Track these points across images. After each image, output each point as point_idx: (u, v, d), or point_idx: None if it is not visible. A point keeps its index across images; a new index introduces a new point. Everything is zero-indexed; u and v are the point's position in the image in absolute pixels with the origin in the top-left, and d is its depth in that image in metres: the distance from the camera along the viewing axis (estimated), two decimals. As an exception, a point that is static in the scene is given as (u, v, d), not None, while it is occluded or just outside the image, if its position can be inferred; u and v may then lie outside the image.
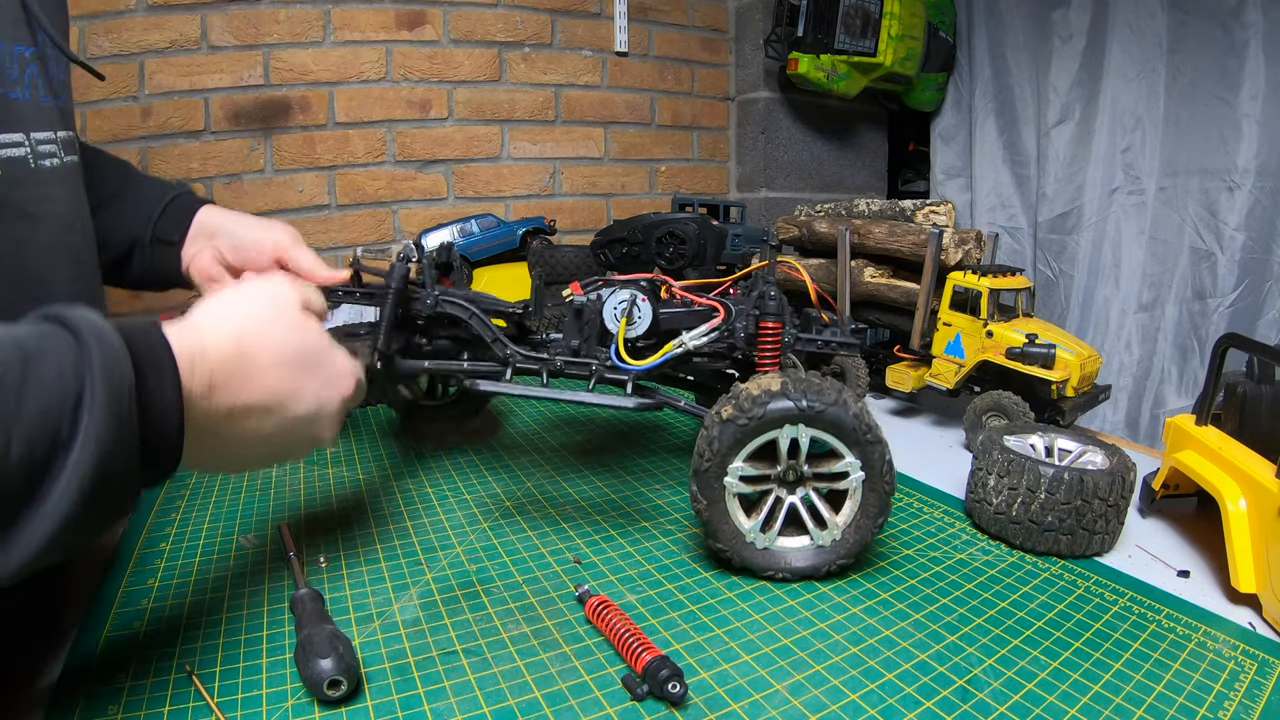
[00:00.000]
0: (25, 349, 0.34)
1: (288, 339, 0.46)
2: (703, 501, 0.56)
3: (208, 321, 0.44)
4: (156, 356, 0.38)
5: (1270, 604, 0.54)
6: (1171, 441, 0.69)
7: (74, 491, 0.34)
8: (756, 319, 0.63)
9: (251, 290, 0.48)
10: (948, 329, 0.90)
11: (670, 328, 0.64)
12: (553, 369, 0.64)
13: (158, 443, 0.38)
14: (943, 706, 0.44)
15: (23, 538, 0.33)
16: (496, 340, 0.66)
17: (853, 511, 0.57)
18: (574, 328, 0.64)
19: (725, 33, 1.91)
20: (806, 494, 0.58)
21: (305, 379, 0.47)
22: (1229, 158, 1.36)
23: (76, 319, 0.36)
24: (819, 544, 0.58)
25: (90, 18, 1.31)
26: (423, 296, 0.69)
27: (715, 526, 0.56)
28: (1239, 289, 1.38)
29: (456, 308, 0.68)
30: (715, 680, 0.46)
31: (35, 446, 0.33)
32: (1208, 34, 1.36)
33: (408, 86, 1.55)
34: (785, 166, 1.89)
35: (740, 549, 0.57)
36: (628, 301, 0.62)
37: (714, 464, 0.55)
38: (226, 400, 0.42)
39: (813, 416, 0.54)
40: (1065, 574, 0.60)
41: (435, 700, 0.44)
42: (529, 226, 1.57)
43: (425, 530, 0.66)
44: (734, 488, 0.56)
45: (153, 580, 0.56)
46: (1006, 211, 1.74)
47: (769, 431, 0.54)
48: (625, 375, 0.62)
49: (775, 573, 0.58)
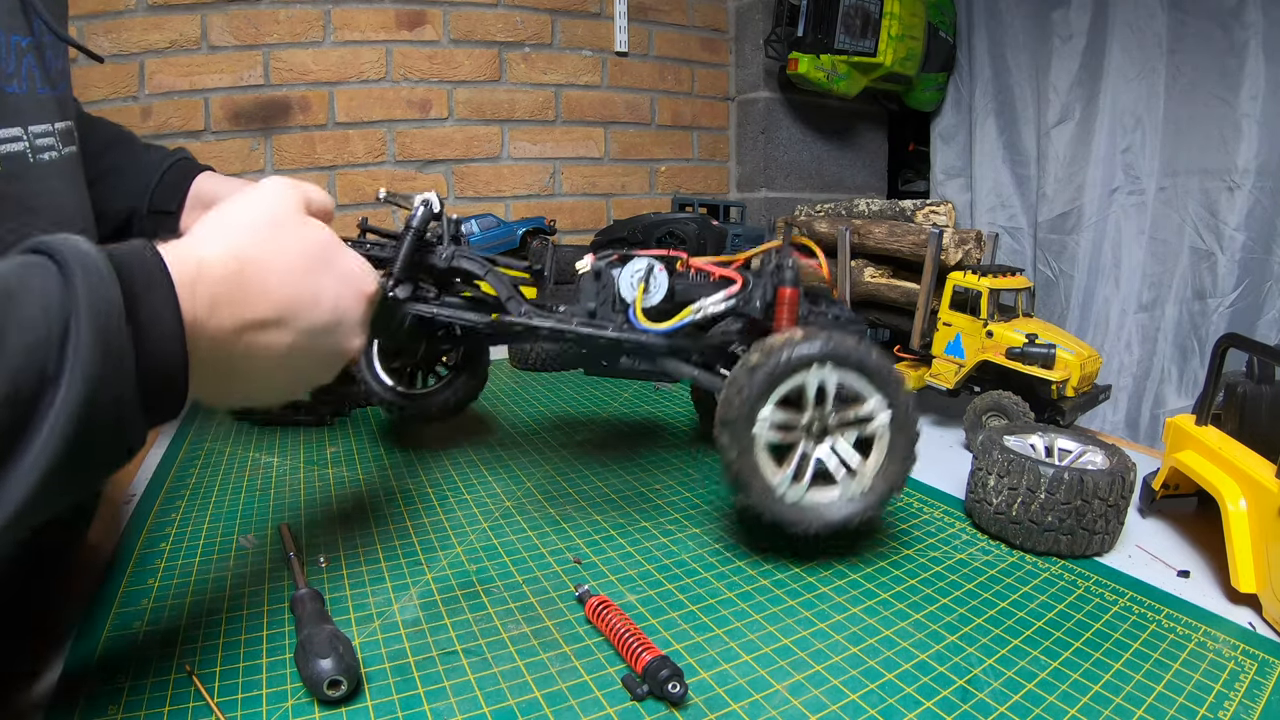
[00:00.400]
0: (7, 283, 0.32)
1: (292, 243, 0.43)
2: (733, 453, 0.55)
3: (205, 234, 0.41)
4: (150, 279, 0.36)
5: (1270, 604, 0.54)
6: (1171, 441, 0.69)
7: (62, 431, 0.31)
8: (774, 288, 0.63)
9: (249, 198, 0.44)
10: (948, 329, 0.90)
11: (686, 299, 0.63)
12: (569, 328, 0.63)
13: (160, 372, 0.35)
14: (943, 706, 0.44)
15: (12, 484, 0.30)
16: (511, 298, 0.65)
17: (880, 457, 0.58)
18: (591, 290, 0.63)
19: (725, 33, 1.91)
20: (834, 445, 0.58)
21: (318, 282, 0.43)
22: (1229, 158, 1.36)
23: (61, 247, 0.34)
24: (849, 495, 0.58)
25: (90, 18, 1.31)
26: (438, 250, 0.67)
27: (745, 480, 0.56)
28: (1239, 289, 1.38)
29: (471, 263, 0.67)
30: (715, 680, 0.46)
31: (20, 386, 0.30)
32: (1208, 34, 1.37)
33: (408, 86, 1.55)
34: (785, 166, 1.89)
35: (771, 504, 0.57)
36: (644, 270, 0.61)
37: (744, 411, 0.54)
38: (233, 317, 0.39)
39: (839, 357, 0.54)
40: (1065, 574, 0.60)
41: (435, 700, 0.44)
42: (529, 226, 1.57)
43: (425, 530, 0.66)
44: (764, 436, 0.55)
45: (153, 580, 0.56)
46: (1006, 211, 1.74)
47: (797, 374, 0.55)
48: (644, 337, 0.61)
49: (806, 527, 0.57)
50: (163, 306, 0.35)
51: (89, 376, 0.32)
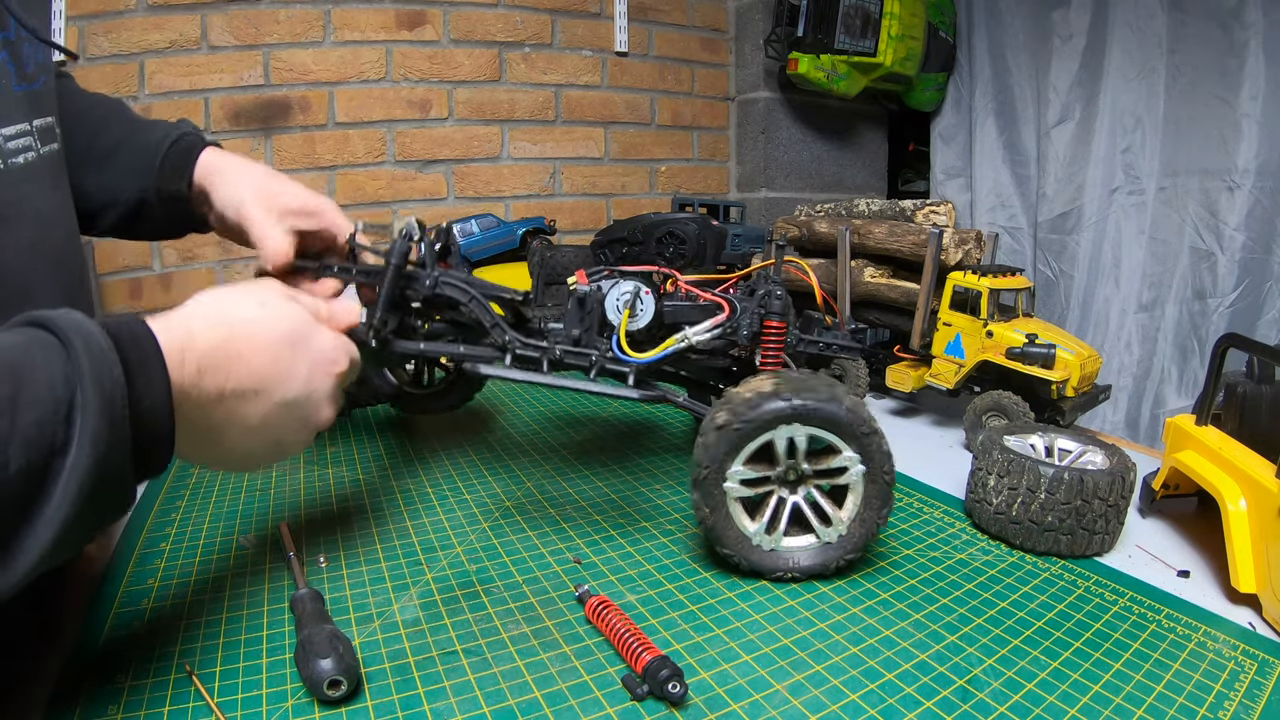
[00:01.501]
0: (13, 361, 0.34)
1: (274, 320, 0.47)
2: (705, 509, 0.56)
3: (196, 309, 0.45)
4: (143, 351, 0.39)
5: (1270, 604, 0.54)
6: (1171, 441, 0.69)
7: (73, 497, 0.34)
8: (761, 317, 0.63)
9: (237, 287, 0.49)
10: (948, 329, 0.90)
11: (673, 321, 0.64)
12: (552, 358, 0.63)
13: (150, 437, 0.39)
14: (943, 706, 0.44)
15: (25, 548, 0.34)
16: (496, 325, 0.65)
17: (855, 505, 0.57)
18: (575, 317, 0.63)
19: (725, 33, 1.91)
20: (808, 492, 0.58)
21: (294, 357, 0.47)
22: (1229, 158, 1.36)
23: (61, 322, 0.36)
24: (825, 540, 0.58)
25: (90, 18, 1.31)
26: (422, 277, 0.67)
27: (720, 532, 0.56)
28: (1239, 289, 1.38)
29: (456, 290, 0.66)
30: (715, 680, 0.46)
31: (33, 458, 0.33)
32: (1208, 34, 1.36)
33: (408, 86, 1.55)
34: (785, 166, 1.89)
35: (747, 552, 0.57)
36: (631, 294, 0.61)
37: (712, 471, 0.55)
38: (216, 384, 0.43)
39: (806, 415, 0.54)
40: (1065, 574, 0.60)
41: (435, 700, 0.44)
42: (529, 226, 1.57)
43: (425, 530, 0.66)
44: (735, 492, 0.56)
45: (153, 580, 0.56)
46: (1006, 211, 1.74)
47: (764, 433, 0.54)
48: (626, 367, 0.61)
49: (784, 573, 0.58)
50: (156, 380, 0.39)
51: (96, 447, 0.35)
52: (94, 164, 0.65)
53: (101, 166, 0.65)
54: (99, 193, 0.66)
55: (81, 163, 0.64)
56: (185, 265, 1.44)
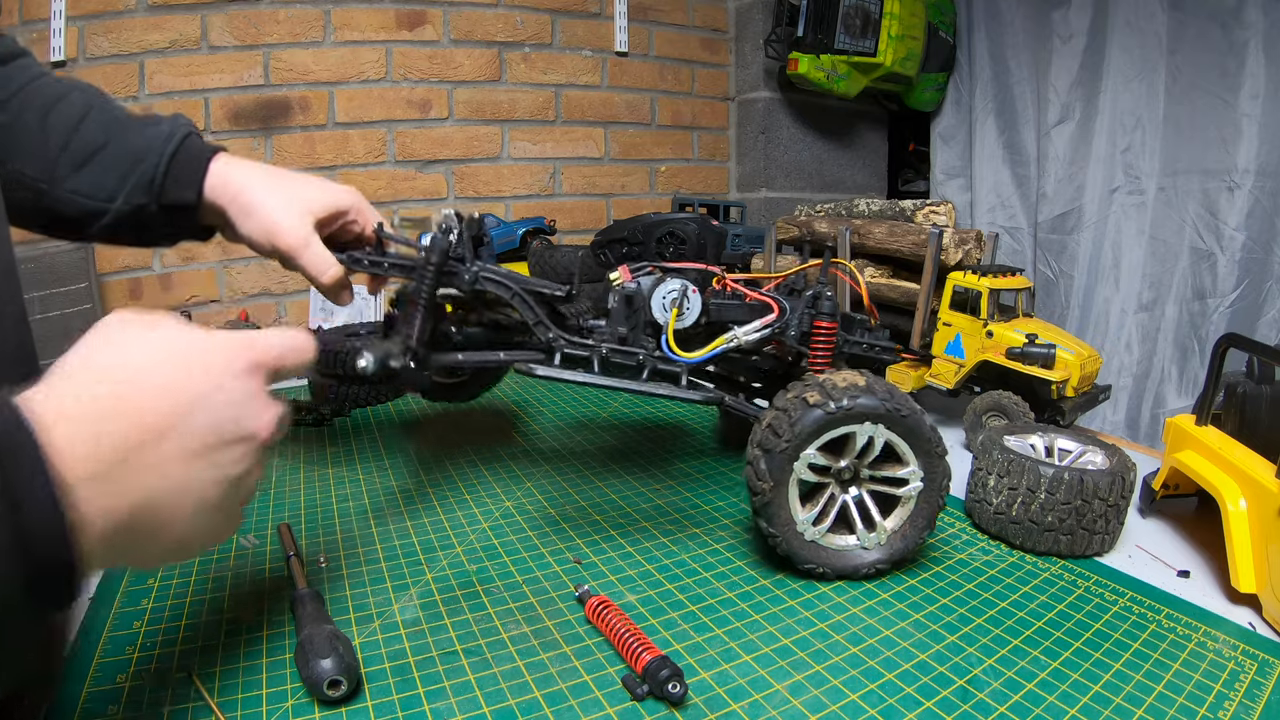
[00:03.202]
0: None
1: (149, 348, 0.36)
2: (768, 483, 0.55)
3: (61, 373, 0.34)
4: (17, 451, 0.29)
5: (1270, 604, 0.54)
6: (1171, 441, 0.69)
7: None
8: (811, 318, 0.63)
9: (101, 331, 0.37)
10: (948, 329, 0.90)
11: (719, 320, 0.63)
12: (601, 355, 0.60)
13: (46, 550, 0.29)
14: (943, 706, 0.44)
15: None
16: (540, 323, 0.61)
17: (903, 519, 0.57)
18: (622, 314, 0.61)
19: (725, 33, 1.91)
20: (860, 494, 0.58)
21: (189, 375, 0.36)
22: (1229, 158, 1.35)
23: None
24: (863, 545, 0.58)
25: (90, 18, 1.31)
26: (460, 271, 0.62)
27: (772, 511, 0.56)
28: (1239, 289, 1.38)
29: (498, 285, 0.63)
30: (715, 680, 0.46)
31: None
32: (1208, 34, 1.36)
33: (408, 86, 1.55)
34: (785, 166, 1.89)
35: (790, 537, 0.56)
36: (678, 292, 0.60)
37: (791, 447, 0.54)
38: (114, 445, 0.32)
39: (895, 419, 0.54)
40: (1065, 574, 0.60)
41: (435, 700, 0.44)
42: (529, 226, 1.57)
43: (425, 530, 0.66)
44: (800, 473, 0.55)
45: (153, 580, 0.56)
46: (1006, 211, 1.74)
47: (850, 425, 0.54)
48: (676, 367, 0.60)
49: (815, 567, 0.57)
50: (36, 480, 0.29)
51: None
52: (73, 165, 0.58)
53: (84, 168, 0.58)
54: (82, 198, 0.58)
55: (56, 163, 0.57)
56: (185, 265, 1.44)
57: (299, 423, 0.93)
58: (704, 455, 0.84)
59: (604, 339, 0.61)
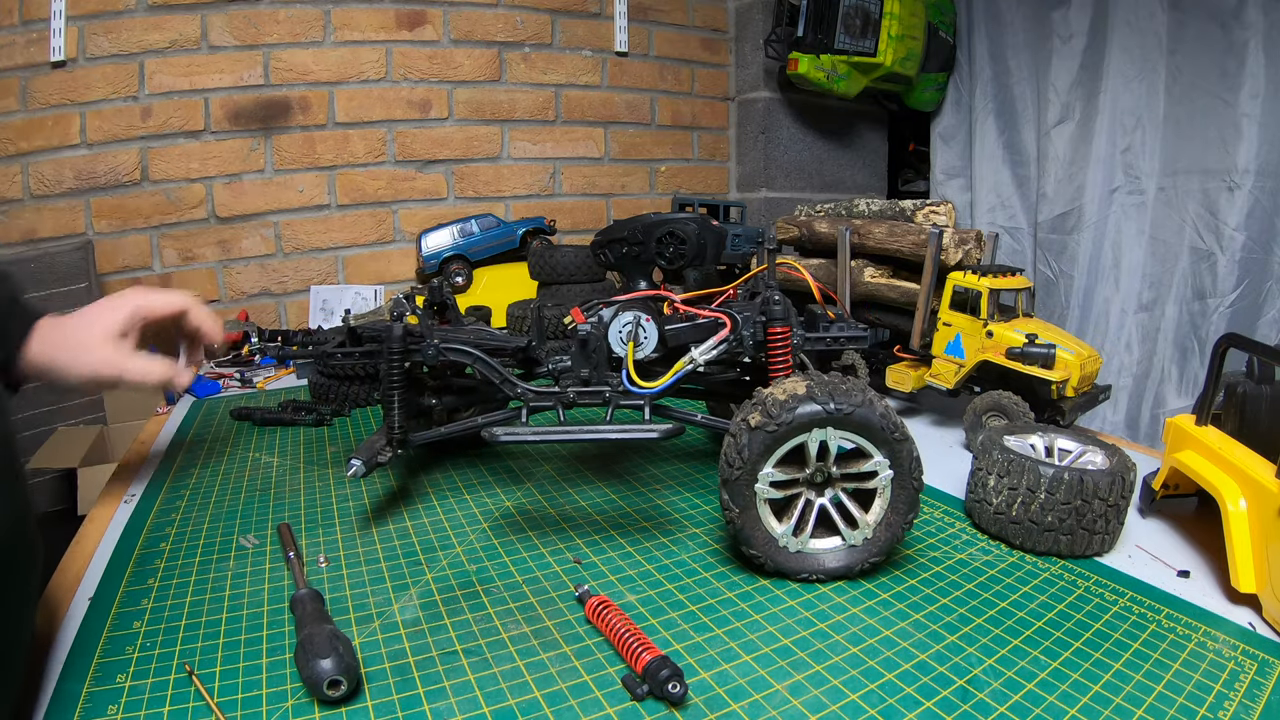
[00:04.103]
0: None
1: None
2: (734, 509, 0.55)
3: None
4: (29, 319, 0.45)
5: (1270, 604, 0.54)
6: (1171, 441, 0.69)
7: None
8: (763, 325, 0.63)
9: None
10: (948, 329, 0.90)
11: (678, 343, 0.64)
12: (566, 401, 0.63)
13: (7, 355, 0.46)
14: (943, 706, 0.44)
15: None
16: (506, 381, 0.66)
17: (883, 509, 0.57)
18: (581, 357, 0.64)
19: (725, 33, 1.91)
20: (836, 495, 0.58)
21: None
22: (1229, 158, 1.36)
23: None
24: (851, 543, 0.58)
25: (90, 18, 1.31)
26: (424, 348, 0.67)
27: (748, 533, 0.56)
28: (1239, 289, 1.38)
29: (460, 354, 0.67)
30: (715, 680, 0.46)
31: None
32: (1208, 34, 1.37)
33: (408, 86, 1.55)
34: (785, 166, 1.89)
35: (773, 554, 0.57)
36: (632, 323, 0.62)
37: (744, 471, 0.54)
38: None
39: (841, 419, 0.54)
40: (1065, 574, 0.60)
41: (435, 700, 0.44)
42: (529, 226, 1.58)
43: (425, 530, 0.66)
44: (765, 493, 0.55)
45: (153, 580, 0.56)
46: (1006, 211, 1.74)
47: (798, 436, 0.54)
48: (640, 399, 0.61)
49: (809, 575, 0.57)
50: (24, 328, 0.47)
51: None
52: None
53: None
54: None
55: None
56: (185, 266, 1.44)
57: (298, 423, 0.93)
58: (704, 456, 0.84)
59: (568, 384, 0.64)
